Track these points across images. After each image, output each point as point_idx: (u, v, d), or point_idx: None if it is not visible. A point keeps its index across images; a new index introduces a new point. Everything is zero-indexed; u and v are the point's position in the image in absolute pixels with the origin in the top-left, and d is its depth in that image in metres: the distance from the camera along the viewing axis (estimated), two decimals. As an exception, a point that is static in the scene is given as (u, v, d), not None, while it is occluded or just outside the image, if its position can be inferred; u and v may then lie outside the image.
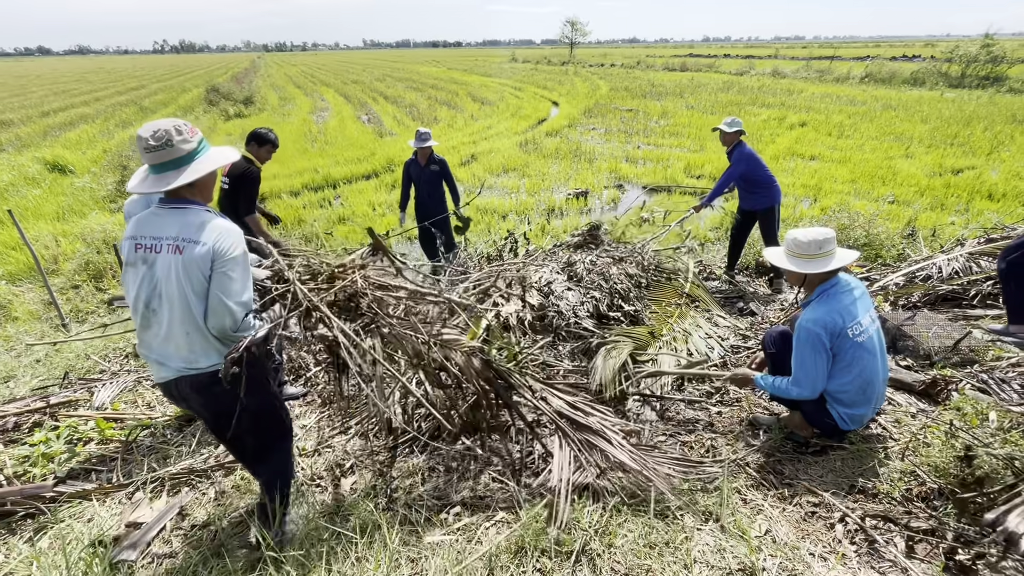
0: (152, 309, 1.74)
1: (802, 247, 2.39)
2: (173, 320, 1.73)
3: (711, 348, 3.53)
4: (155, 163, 1.70)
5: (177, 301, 1.71)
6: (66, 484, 2.50)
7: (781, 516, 2.14)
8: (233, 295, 1.73)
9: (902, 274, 4.33)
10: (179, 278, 1.69)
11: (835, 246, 2.40)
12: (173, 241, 1.69)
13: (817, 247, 2.36)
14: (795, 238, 2.42)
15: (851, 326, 2.30)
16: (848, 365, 2.32)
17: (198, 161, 1.75)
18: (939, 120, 13.22)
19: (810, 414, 2.50)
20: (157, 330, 1.75)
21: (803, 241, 2.38)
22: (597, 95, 21.93)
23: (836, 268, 2.38)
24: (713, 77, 30.56)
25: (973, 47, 23.60)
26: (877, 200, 7.39)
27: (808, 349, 2.31)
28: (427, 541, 2.09)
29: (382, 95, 25.44)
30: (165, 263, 1.69)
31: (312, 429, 3.00)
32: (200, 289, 1.71)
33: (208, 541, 2.18)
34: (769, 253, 2.66)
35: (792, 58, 43.83)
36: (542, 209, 7.90)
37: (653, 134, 13.41)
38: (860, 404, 2.38)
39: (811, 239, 2.36)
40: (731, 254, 5.25)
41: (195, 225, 1.70)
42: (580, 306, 3.81)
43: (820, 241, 2.35)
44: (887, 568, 1.88)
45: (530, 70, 41.18)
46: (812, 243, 2.36)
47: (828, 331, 2.28)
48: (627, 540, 2.00)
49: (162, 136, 1.67)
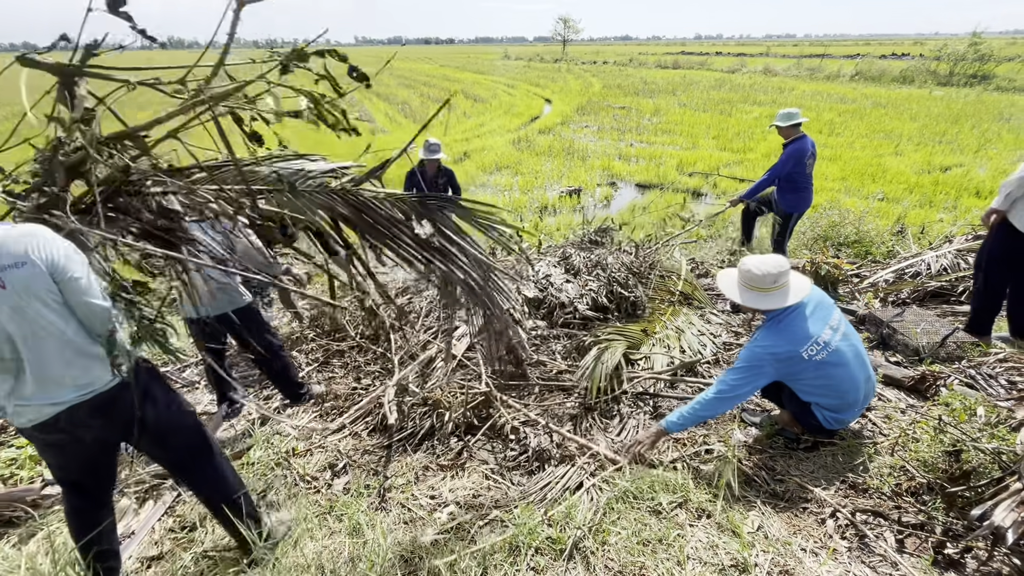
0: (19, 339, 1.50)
1: (756, 280, 2.26)
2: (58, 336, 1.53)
3: (703, 345, 3.55)
4: None
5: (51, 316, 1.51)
6: (53, 486, 2.47)
7: (773, 512, 2.15)
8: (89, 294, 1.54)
9: (891, 271, 4.37)
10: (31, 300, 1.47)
11: (789, 278, 2.29)
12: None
13: (772, 280, 2.24)
14: (748, 270, 2.27)
15: (805, 349, 2.21)
16: (814, 381, 2.30)
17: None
18: (928, 118, 13.36)
19: (797, 414, 2.52)
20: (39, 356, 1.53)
21: (757, 275, 2.25)
22: (590, 92, 21.94)
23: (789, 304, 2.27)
24: (705, 75, 30.66)
25: (961, 46, 23.87)
26: (867, 198, 7.44)
27: (745, 369, 2.28)
28: (421, 540, 2.09)
29: (374, 92, 25.28)
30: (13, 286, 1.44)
31: (305, 429, 2.98)
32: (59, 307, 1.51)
33: (198, 543, 2.16)
34: (721, 282, 2.48)
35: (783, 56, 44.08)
36: (535, 207, 7.89)
37: (646, 132, 13.44)
38: (843, 410, 2.38)
39: (765, 272, 2.23)
40: (745, 234, 5.59)
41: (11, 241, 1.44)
42: (579, 298, 3.84)
43: (775, 275, 2.23)
44: (877, 563, 1.90)
45: (523, 67, 41.11)
46: (767, 276, 2.24)
47: (775, 359, 2.24)
48: (620, 537, 2.01)
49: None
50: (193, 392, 3.45)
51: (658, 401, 3.02)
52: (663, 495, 2.20)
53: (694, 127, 13.45)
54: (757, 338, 2.33)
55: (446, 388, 2.98)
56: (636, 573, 1.88)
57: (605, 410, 2.93)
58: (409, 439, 2.78)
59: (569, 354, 3.48)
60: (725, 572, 1.86)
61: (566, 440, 2.65)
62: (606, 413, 2.92)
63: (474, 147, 11.61)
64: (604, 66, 41.11)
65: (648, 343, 3.49)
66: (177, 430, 1.86)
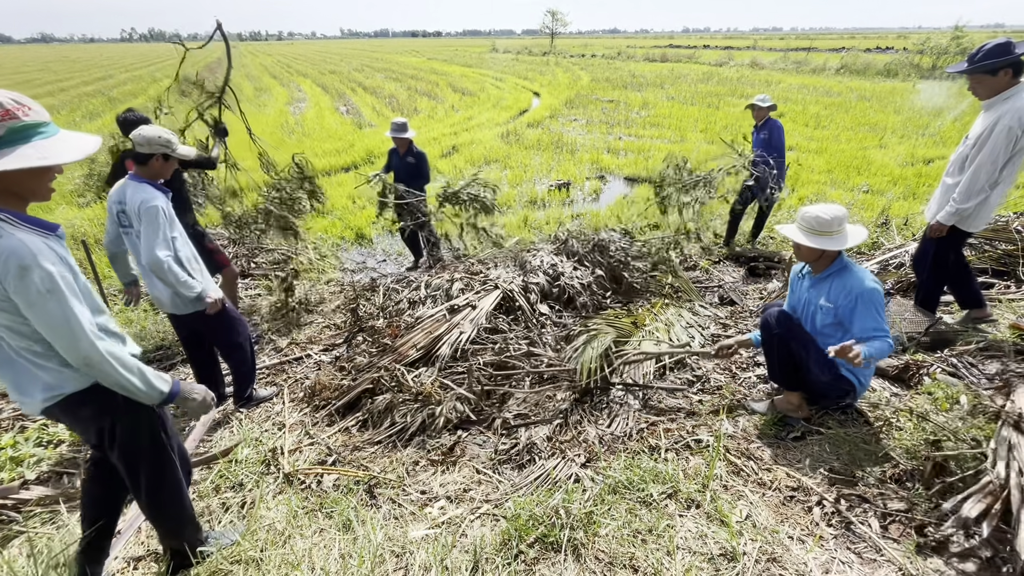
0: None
1: (823, 224, 2.42)
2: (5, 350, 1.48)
3: (692, 337, 3.57)
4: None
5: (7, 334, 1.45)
6: (35, 488, 2.42)
7: (761, 501, 2.18)
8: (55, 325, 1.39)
9: (876, 262, 4.43)
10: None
11: (847, 223, 2.48)
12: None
13: (838, 223, 2.41)
14: (815, 215, 2.43)
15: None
16: None
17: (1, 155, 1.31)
18: (911, 111, 13.53)
19: (826, 385, 2.52)
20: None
21: (825, 219, 2.41)
22: (578, 86, 21.89)
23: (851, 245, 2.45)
24: (693, 68, 30.74)
25: (944, 39, 24.21)
26: (852, 190, 7.53)
27: (881, 307, 2.36)
28: (412, 536, 2.08)
29: (361, 85, 25.00)
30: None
31: (295, 426, 2.95)
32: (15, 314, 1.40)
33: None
34: (787, 231, 2.57)
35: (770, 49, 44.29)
36: (524, 201, 7.87)
37: (634, 125, 13.45)
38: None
39: (832, 216, 2.40)
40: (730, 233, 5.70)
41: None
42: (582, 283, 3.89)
43: (841, 218, 2.41)
44: (863, 549, 1.93)
45: (511, 60, 40.88)
46: (834, 220, 2.40)
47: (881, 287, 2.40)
48: (611, 528, 2.02)
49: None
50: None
51: (648, 393, 3.04)
52: (653, 486, 2.21)
53: (682, 120, 13.49)
54: (858, 279, 2.37)
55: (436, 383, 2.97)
56: (627, 564, 1.89)
57: (595, 403, 2.94)
58: (400, 435, 2.76)
59: (559, 346, 3.48)
60: (714, 561, 1.88)
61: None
62: (596, 406, 2.93)
63: (463, 141, 11.53)
64: (592, 59, 41.03)
65: (638, 335, 3.51)
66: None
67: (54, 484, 2.50)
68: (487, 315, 3.46)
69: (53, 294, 1.36)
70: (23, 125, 1.34)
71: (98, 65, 45.36)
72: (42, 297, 1.35)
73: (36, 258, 1.34)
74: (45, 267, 1.35)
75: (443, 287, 3.81)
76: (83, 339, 1.41)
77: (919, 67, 23.76)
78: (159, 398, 1.61)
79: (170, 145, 2.56)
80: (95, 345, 1.43)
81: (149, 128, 2.52)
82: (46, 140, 1.38)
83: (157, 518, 1.86)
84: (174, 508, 1.85)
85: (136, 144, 2.50)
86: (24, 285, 1.33)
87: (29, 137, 1.35)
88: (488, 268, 4.04)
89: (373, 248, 6.43)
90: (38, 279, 1.34)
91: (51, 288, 1.36)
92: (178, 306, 2.72)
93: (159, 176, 2.60)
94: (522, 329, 3.57)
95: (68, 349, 1.42)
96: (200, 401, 1.73)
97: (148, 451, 1.72)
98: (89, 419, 1.62)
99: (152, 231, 2.46)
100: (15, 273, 1.32)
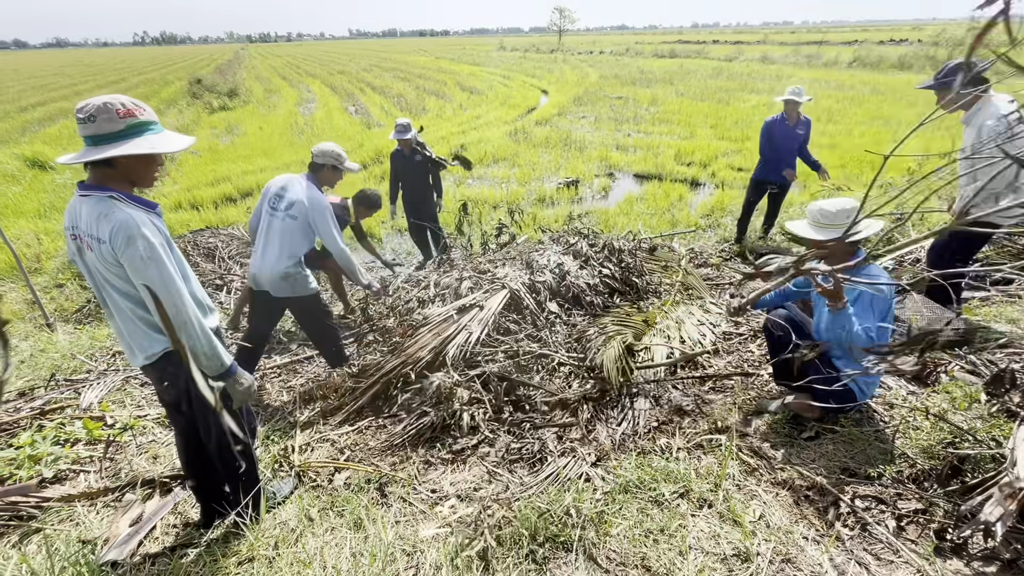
0: (102, 299, 1.77)
1: (830, 217, 2.40)
2: (121, 310, 1.74)
3: (703, 335, 3.54)
4: (83, 135, 1.61)
5: (115, 292, 1.71)
6: (52, 486, 2.46)
7: (775, 501, 2.15)
8: (155, 288, 1.64)
9: (891, 258, 4.36)
10: (104, 273, 1.67)
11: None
12: (85, 235, 1.64)
13: (846, 216, 2.38)
14: (824, 209, 2.42)
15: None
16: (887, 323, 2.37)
17: (120, 144, 1.59)
18: (927, 104, 13.27)
19: (829, 396, 2.44)
20: (114, 320, 1.79)
21: (832, 211, 2.39)
22: (586, 83, 21.79)
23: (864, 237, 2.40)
24: (702, 63, 30.45)
25: (959, 31, 23.73)
26: (866, 185, 7.42)
27: (881, 310, 2.32)
28: (423, 534, 2.09)
29: (369, 85, 25.10)
30: (89, 257, 1.67)
31: (305, 425, 2.97)
32: (128, 282, 1.67)
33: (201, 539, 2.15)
34: (795, 227, 2.59)
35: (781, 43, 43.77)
36: (533, 199, 7.86)
37: (643, 121, 13.36)
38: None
39: (839, 208, 2.39)
40: (741, 230, 5.62)
41: (95, 217, 1.61)
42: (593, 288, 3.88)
43: (848, 210, 2.39)
44: (879, 550, 1.90)
45: (519, 58, 40.80)
46: (841, 212, 2.38)
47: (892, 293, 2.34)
48: (623, 528, 2.01)
49: (89, 110, 1.57)
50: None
51: (659, 391, 3.02)
52: (665, 485, 2.19)
53: (692, 116, 13.37)
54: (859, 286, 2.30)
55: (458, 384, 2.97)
56: (638, 564, 1.88)
57: (606, 402, 2.93)
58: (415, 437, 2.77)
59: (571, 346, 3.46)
60: (727, 561, 1.86)
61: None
62: (607, 405, 2.92)
63: (471, 139, 11.53)
64: (601, 56, 40.82)
65: (649, 333, 3.48)
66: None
67: (72, 481, 2.54)
68: (495, 315, 3.45)
69: (153, 260, 1.61)
70: (139, 122, 1.63)
71: (112, 69, 46.01)
72: (144, 263, 1.60)
73: (140, 229, 1.59)
74: (147, 237, 1.60)
75: (452, 286, 3.81)
76: (176, 300, 1.66)
77: (934, 59, 23.32)
78: (220, 370, 1.81)
79: (340, 159, 3.08)
80: (185, 307, 1.68)
81: (327, 144, 3.06)
82: (155, 135, 1.66)
83: (223, 462, 2.06)
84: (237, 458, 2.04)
85: (313, 155, 3.07)
86: (131, 251, 1.58)
87: (142, 132, 1.64)
88: (496, 267, 4.04)
89: (382, 247, 6.45)
90: (142, 247, 1.59)
91: (151, 255, 1.61)
92: (284, 289, 3.03)
93: (325, 183, 3.11)
94: (531, 328, 3.56)
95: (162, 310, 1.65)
96: (246, 388, 1.91)
97: None
98: (172, 376, 1.84)
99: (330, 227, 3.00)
100: (123, 241, 1.58)
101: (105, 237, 1.59)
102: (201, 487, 2.19)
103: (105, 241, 1.59)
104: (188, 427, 2.03)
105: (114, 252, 1.60)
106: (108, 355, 3.81)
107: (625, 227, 6.19)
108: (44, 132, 14.15)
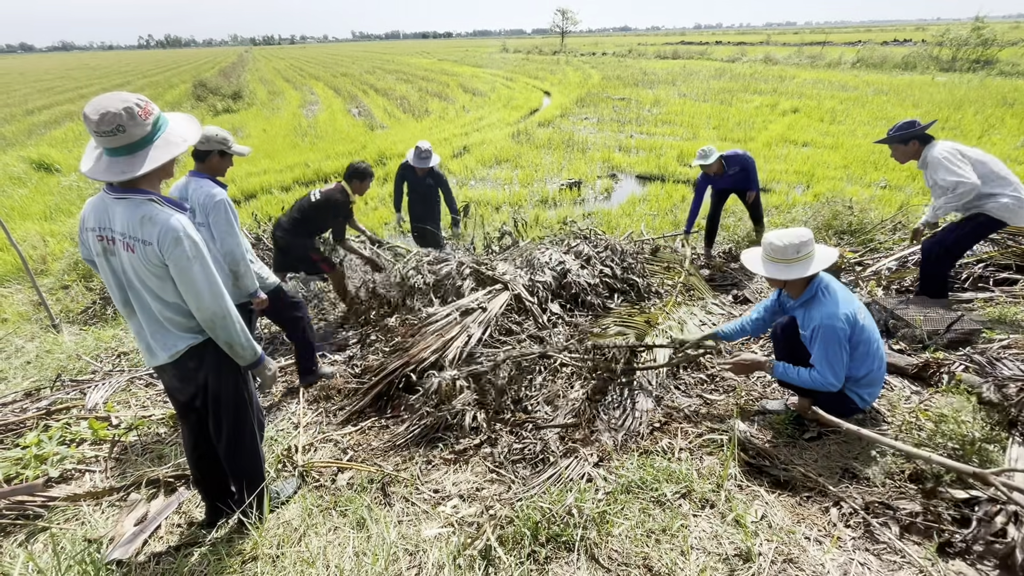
0: (124, 299, 1.79)
1: (778, 252, 2.28)
2: (147, 309, 1.76)
3: (706, 336, 3.53)
4: (107, 146, 1.57)
5: (146, 293, 1.73)
6: (58, 486, 2.48)
7: (777, 501, 2.15)
8: (199, 285, 1.68)
9: (895, 259, 4.35)
10: (140, 273, 1.69)
11: (813, 247, 2.30)
12: (122, 238, 1.65)
13: (795, 251, 2.25)
14: (771, 242, 2.31)
15: (858, 310, 2.28)
16: (867, 349, 2.30)
17: (155, 147, 1.61)
18: (930, 104, 13.23)
19: (827, 403, 2.44)
20: (138, 320, 1.81)
21: (779, 246, 2.27)
22: (589, 84, 21.81)
23: (815, 273, 2.28)
24: (705, 64, 30.43)
25: (964, 30, 23.61)
26: (870, 185, 7.40)
27: (835, 346, 2.22)
28: (425, 534, 2.09)
29: (372, 88, 25.19)
30: (124, 258, 1.68)
31: (310, 426, 2.99)
32: (165, 282, 1.70)
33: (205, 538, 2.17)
34: (746, 258, 2.53)
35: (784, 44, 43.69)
36: (535, 200, 7.87)
37: (646, 123, 13.36)
38: (878, 381, 2.40)
39: (787, 243, 2.25)
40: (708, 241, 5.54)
41: (138, 220, 1.62)
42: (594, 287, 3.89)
43: (797, 245, 2.24)
44: (882, 551, 1.90)
45: (521, 60, 40.86)
46: (789, 247, 2.25)
47: (849, 323, 2.23)
48: (624, 528, 2.01)
49: (112, 121, 1.51)
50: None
51: (661, 391, 3.02)
52: (667, 485, 2.20)
53: (694, 117, 13.37)
54: (820, 313, 2.24)
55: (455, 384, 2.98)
56: (640, 564, 1.88)
57: (608, 402, 2.93)
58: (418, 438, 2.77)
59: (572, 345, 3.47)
60: (729, 562, 1.86)
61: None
62: (609, 405, 2.92)
63: (473, 141, 11.56)
64: (603, 57, 40.84)
65: (651, 333, 3.48)
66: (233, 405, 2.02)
67: (78, 481, 2.56)
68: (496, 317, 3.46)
69: (198, 259, 1.66)
70: (157, 118, 1.63)
71: (117, 72, 46.30)
72: (190, 262, 1.65)
73: (186, 230, 1.64)
74: (193, 237, 1.66)
75: (454, 286, 3.82)
76: (220, 296, 1.73)
77: (938, 59, 23.23)
78: (251, 359, 1.90)
79: (226, 142, 2.74)
80: (226, 303, 1.74)
81: (208, 127, 2.70)
82: (170, 127, 1.67)
83: (232, 459, 2.09)
84: (247, 455, 2.10)
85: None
86: (178, 252, 1.62)
87: (162, 127, 1.64)
88: (497, 267, 4.05)
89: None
90: (188, 247, 1.64)
91: (196, 254, 1.66)
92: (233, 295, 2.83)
93: (217, 172, 2.79)
94: (533, 327, 3.56)
95: (205, 305, 1.71)
96: (272, 374, 2.02)
97: (233, 404, 1.98)
98: (192, 371, 1.88)
99: (225, 224, 2.65)
100: (171, 242, 1.61)
101: (152, 239, 1.61)
102: (207, 486, 2.20)
103: (151, 243, 1.61)
104: (198, 425, 2.06)
105: (160, 254, 1.63)
106: (113, 356, 3.83)
107: (628, 228, 6.19)
108: (50, 135, 14.26)
